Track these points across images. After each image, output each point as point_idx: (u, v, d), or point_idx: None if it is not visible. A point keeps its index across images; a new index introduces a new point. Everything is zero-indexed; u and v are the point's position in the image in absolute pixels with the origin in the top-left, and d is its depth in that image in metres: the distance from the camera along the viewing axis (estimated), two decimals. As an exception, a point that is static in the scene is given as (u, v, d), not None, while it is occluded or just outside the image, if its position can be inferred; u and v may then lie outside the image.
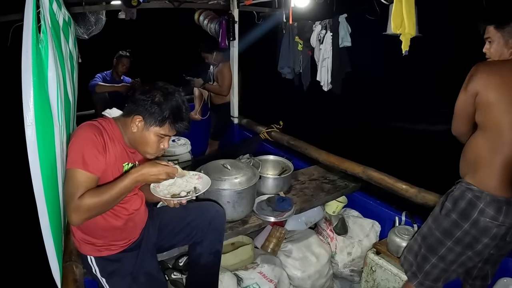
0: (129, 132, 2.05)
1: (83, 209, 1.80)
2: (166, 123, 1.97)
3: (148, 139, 2.01)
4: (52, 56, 1.80)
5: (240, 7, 4.94)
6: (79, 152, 1.87)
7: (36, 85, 1.53)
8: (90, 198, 1.81)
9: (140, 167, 1.93)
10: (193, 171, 2.32)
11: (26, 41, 1.50)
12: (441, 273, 2.34)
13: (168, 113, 1.95)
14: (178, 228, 2.45)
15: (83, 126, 1.99)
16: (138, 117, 1.98)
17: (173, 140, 4.53)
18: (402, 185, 3.06)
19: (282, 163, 3.60)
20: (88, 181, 1.87)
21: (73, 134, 1.97)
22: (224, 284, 2.80)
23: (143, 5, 4.24)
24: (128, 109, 2.04)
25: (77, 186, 1.83)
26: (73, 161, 1.86)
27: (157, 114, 1.95)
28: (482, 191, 2.13)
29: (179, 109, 2.00)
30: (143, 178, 1.92)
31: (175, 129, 2.02)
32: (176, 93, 2.03)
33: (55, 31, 2.04)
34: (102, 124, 2.04)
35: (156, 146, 2.04)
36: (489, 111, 2.09)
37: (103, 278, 2.18)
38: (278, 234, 3.33)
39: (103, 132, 1.98)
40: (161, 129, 1.99)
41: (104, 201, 1.85)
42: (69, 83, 2.18)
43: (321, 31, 4.47)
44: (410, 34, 3.09)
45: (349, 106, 6.82)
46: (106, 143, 1.98)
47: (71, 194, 1.81)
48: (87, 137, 1.92)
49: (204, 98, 5.66)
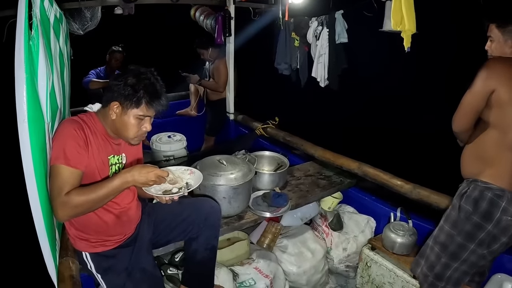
0: (109, 121, 2.05)
1: (70, 206, 1.81)
2: (142, 103, 1.97)
3: (128, 123, 2.01)
4: (43, 53, 1.80)
5: (236, 3, 4.93)
6: (61, 148, 1.88)
7: (29, 82, 1.53)
8: (77, 196, 1.82)
9: (129, 168, 1.93)
10: (185, 166, 2.29)
11: (19, 39, 1.50)
12: (463, 276, 2.30)
13: (142, 93, 1.96)
14: (174, 224, 2.46)
15: (64, 122, 2.01)
16: (115, 103, 1.98)
17: (169, 136, 4.53)
18: (397, 181, 3.08)
19: (277, 159, 3.61)
20: (72, 176, 1.88)
21: (55, 130, 1.98)
22: (220, 279, 2.81)
23: (141, 1, 4.24)
24: (105, 99, 2.05)
25: (62, 182, 1.84)
26: (55, 157, 1.87)
27: (131, 96, 1.95)
28: (504, 189, 2.10)
29: (153, 87, 2.01)
30: (132, 179, 1.91)
31: (153, 108, 2.01)
32: (149, 73, 2.04)
33: (44, 28, 2.04)
34: (83, 118, 2.05)
35: (137, 129, 2.04)
36: (506, 108, 2.06)
37: (98, 274, 2.19)
38: (273, 229, 3.33)
39: (83, 126, 1.99)
40: (139, 110, 1.99)
41: (91, 199, 1.85)
42: (57, 81, 2.17)
43: (318, 27, 4.47)
44: (410, 30, 3.09)
45: (345, 102, 6.82)
46: (88, 137, 1.99)
47: (58, 190, 1.82)
48: (68, 132, 1.93)
49: (200, 94, 5.65)
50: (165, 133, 4.61)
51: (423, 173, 3.40)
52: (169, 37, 8.83)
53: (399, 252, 2.94)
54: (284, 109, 5.72)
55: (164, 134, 4.58)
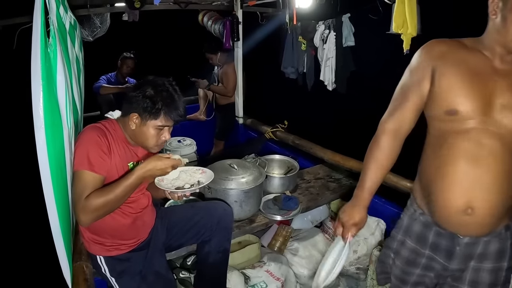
0: (129, 130, 2.08)
1: (90, 209, 1.83)
2: (161, 114, 2.00)
3: (147, 133, 2.04)
4: (61, 60, 1.82)
5: (244, 7, 4.96)
6: (84, 154, 1.91)
7: (45, 89, 1.55)
8: (96, 198, 1.84)
9: (145, 163, 1.95)
10: (196, 166, 2.34)
11: (35, 46, 1.52)
12: None
13: (160, 104, 1.99)
14: (187, 227, 2.47)
15: (87, 128, 2.03)
16: (134, 114, 2.02)
17: (179, 141, 4.55)
18: (407, 183, 3.07)
19: (287, 162, 3.62)
20: (94, 181, 1.91)
21: (78, 137, 2.00)
22: (232, 282, 2.82)
23: (148, 7, 4.27)
24: (124, 109, 2.09)
25: (84, 186, 1.87)
26: (79, 163, 1.90)
27: (150, 108, 1.98)
28: None
29: (171, 98, 2.04)
30: (150, 173, 1.95)
31: (171, 119, 2.05)
32: (166, 83, 2.07)
33: (61, 35, 2.07)
34: (105, 125, 2.08)
35: (157, 139, 2.07)
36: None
37: (112, 278, 2.21)
38: (284, 232, 3.35)
39: (106, 134, 2.03)
40: (157, 121, 2.02)
41: (110, 199, 1.87)
42: (76, 87, 2.20)
43: (325, 31, 4.48)
44: (411, 34, 3.10)
45: (353, 105, 6.81)
46: (110, 144, 2.02)
47: (78, 195, 1.85)
48: (91, 138, 1.96)
49: (209, 99, 5.68)
50: (175, 137, 4.63)
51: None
52: (178, 43, 8.88)
53: (410, 254, 2.94)
54: (292, 112, 5.74)
55: (174, 139, 4.60)
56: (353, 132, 7.10)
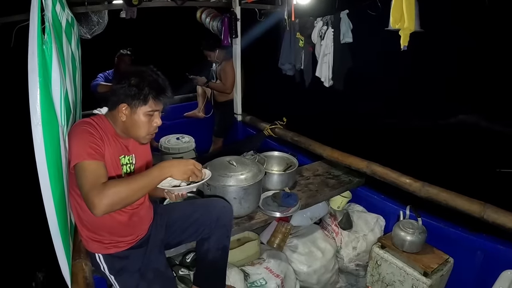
0: (119, 123, 2.09)
1: (109, 193, 1.75)
2: (150, 99, 2.02)
3: (138, 121, 2.05)
4: (56, 57, 1.82)
5: (242, 4, 4.95)
6: (80, 145, 1.89)
7: (42, 86, 1.54)
8: (116, 183, 1.80)
9: (173, 163, 1.96)
10: None
11: (32, 43, 1.51)
12: None
13: (147, 89, 2.00)
14: (186, 225, 2.47)
15: (77, 123, 2.03)
16: (123, 105, 2.02)
17: (178, 138, 4.56)
18: (405, 179, 3.07)
19: (286, 159, 3.62)
20: (100, 168, 1.89)
21: (69, 133, 1.99)
22: (231, 279, 2.82)
23: (146, 4, 4.26)
24: (111, 103, 2.08)
25: (95, 174, 1.84)
26: (77, 155, 1.86)
27: (138, 94, 1.99)
28: None
29: (156, 82, 2.05)
30: (170, 173, 1.95)
31: (160, 102, 2.06)
32: (149, 70, 2.08)
33: (57, 32, 2.06)
34: (94, 120, 2.08)
35: (149, 125, 2.08)
36: None
37: (111, 275, 2.21)
38: (283, 229, 3.35)
39: (96, 126, 2.02)
40: (147, 106, 2.03)
41: (131, 188, 1.82)
42: (70, 85, 2.19)
43: (323, 27, 4.47)
44: (409, 29, 3.10)
45: (351, 101, 6.84)
46: (102, 135, 2.02)
47: (92, 183, 1.79)
48: (83, 130, 1.96)
49: (207, 96, 5.68)
50: (173, 135, 4.64)
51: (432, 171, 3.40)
52: (176, 40, 8.88)
53: (409, 250, 2.94)
54: (291, 109, 5.73)
55: (173, 136, 4.61)
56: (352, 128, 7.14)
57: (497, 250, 2.72)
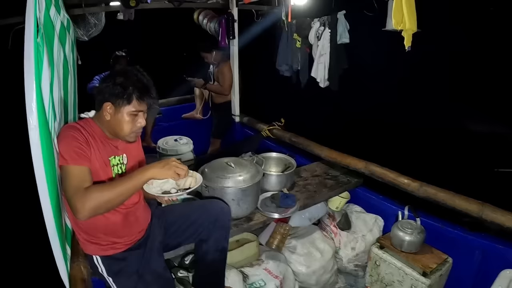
0: (105, 122, 2.10)
1: (91, 198, 1.78)
2: (133, 99, 2.02)
3: (122, 120, 2.05)
4: (46, 60, 1.81)
5: (239, 5, 4.95)
6: (65, 149, 1.90)
7: (38, 88, 1.54)
8: (98, 188, 1.84)
9: (154, 164, 1.96)
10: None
11: (28, 46, 1.51)
12: None
13: (131, 89, 2.00)
14: (184, 226, 2.47)
15: (63, 128, 2.04)
16: (108, 104, 2.03)
17: (175, 140, 4.55)
18: (404, 179, 3.07)
19: (285, 160, 3.61)
20: (83, 173, 1.91)
21: (57, 137, 1.99)
22: (230, 281, 2.82)
23: (143, 6, 4.25)
24: (97, 102, 2.09)
25: (78, 179, 1.86)
26: (62, 159, 1.89)
27: (122, 93, 1.99)
28: None
29: (141, 82, 2.05)
30: (151, 175, 1.94)
31: (144, 102, 2.06)
32: (134, 70, 2.08)
33: (48, 35, 2.05)
34: (80, 124, 2.08)
35: (132, 125, 2.08)
36: None
37: (109, 277, 2.20)
38: (282, 230, 3.34)
39: (82, 130, 2.03)
40: (131, 106, 2.03)
41: (114, 193, 1.84)
42: (57, 91, 2.17)
43: (320, 28, 4.47)
44: (411, 29, 3.09)
45: (348, 102, 6.84)
46: (88, 139, 2.02)
47: (75, 187, 1.82)
48: (68, 135, 1.96)
49: (205, 98, 5.68)
50: (171, 136, 4.63)
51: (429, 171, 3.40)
52: (173, 41, 8.88)
53: (407, 250, 2.94)
54: (289, 110, 5.73)
55: (171, 138, 4.60)
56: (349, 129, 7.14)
57: (495, 250, 2.72)
